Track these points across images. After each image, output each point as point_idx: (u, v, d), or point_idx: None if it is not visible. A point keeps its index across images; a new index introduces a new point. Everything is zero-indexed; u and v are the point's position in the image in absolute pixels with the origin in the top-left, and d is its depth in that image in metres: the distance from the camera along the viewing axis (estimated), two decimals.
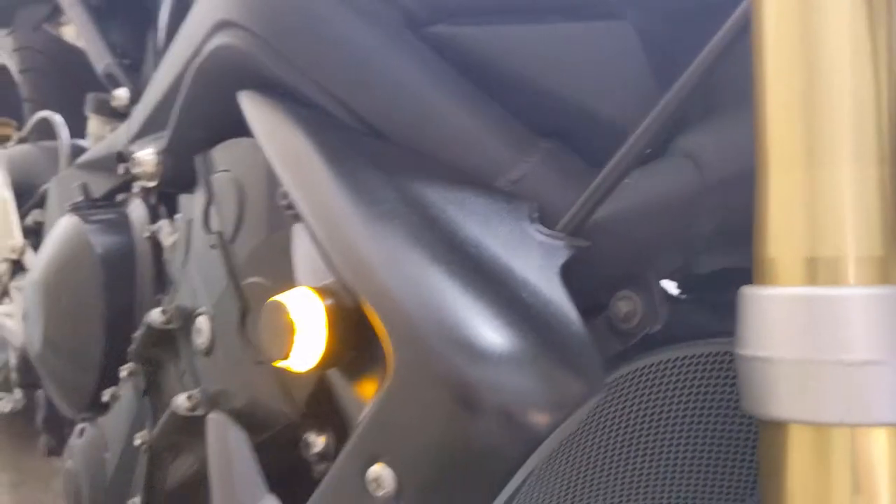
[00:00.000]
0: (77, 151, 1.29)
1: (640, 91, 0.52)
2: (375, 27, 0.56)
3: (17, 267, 1.23)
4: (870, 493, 0.36)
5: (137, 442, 0.77)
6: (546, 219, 0.50)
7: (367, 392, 0.45)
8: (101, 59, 1.09)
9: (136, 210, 0.93)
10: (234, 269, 0.62)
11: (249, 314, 0.61)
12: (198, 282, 0.69)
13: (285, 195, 0.54)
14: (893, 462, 0.35)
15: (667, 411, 0.45)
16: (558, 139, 0.54)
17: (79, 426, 0.90)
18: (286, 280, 0.58)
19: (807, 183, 0.37)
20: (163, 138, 0.74)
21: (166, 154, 0.72)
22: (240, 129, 0.66)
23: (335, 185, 0.48)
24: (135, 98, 1.03)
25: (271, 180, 0.60)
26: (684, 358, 0.45)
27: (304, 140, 0.53)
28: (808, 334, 0.36)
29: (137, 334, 0.77)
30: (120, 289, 0.87)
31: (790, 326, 0.37)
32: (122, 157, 0.92)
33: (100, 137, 1.14)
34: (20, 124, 1.97)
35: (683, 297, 0.58)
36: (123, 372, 0.80)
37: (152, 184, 0.73)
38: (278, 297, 0.44)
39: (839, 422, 0.36)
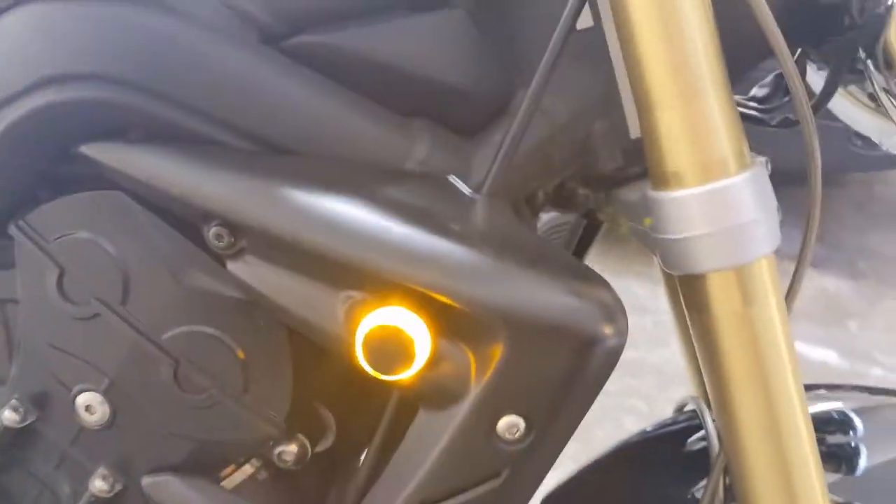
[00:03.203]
0: None
1: (480, 64, 0.62)
2: (240, 46, 0.57)
3: None
4: (761, 303, 0.56)
5: None
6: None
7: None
8: None
9: None
10: (142, 329, 0.58)
11: (182, 365, 0.59)
12: (56, 360, 0.62)
13: (221, 235, 0.54)
14: (772, 280, 0.56)
15: None
16: (422, 116, 0.62)
17: None
18: (227, 319, 0.58)
19: (682, 113, 0.54)
20: None
21: None
22: (62, 187, 0.60)
23: (311, 204, 0.52)
24: None
25: (153, 230, 0.58)
26: None
27: (226, 172, 0.53)
28: (710, 214, 0.55)
29: None
30: None
31: (698, 213, 0.55)
32: None
33: None
34: None
35: None
36: None
37: None
38: (383, 321, 0.47)
39: (736, 263, 0.55)
